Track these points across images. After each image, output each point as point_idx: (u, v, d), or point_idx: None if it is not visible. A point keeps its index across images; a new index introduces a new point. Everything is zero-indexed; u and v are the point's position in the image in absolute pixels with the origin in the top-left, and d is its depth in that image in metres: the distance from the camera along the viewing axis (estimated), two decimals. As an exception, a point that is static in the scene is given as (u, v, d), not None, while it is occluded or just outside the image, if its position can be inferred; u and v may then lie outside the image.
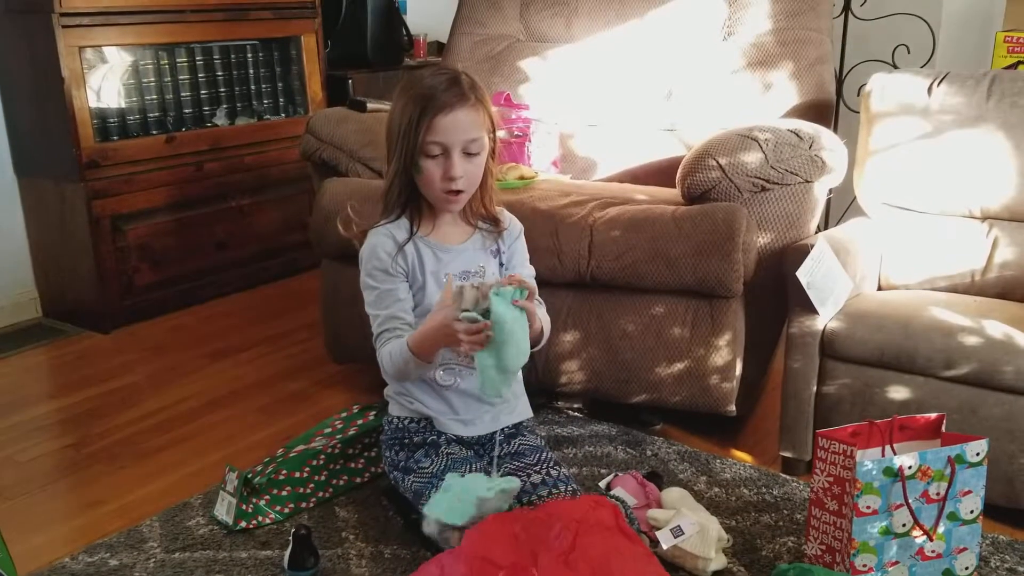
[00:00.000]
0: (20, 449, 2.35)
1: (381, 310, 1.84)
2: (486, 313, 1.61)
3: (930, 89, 2.30)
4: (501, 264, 1.93)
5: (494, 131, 1.82)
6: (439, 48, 4.36)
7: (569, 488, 1.82)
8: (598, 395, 2.32)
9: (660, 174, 2.64)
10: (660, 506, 1.91)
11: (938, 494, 1.60)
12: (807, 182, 2.18)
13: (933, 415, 1.75)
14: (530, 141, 2.74)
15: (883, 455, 1.70)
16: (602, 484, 2.01)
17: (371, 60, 4.01)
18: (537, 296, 1.94)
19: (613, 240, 2.16)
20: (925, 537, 1.60)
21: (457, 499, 1.64)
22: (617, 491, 1.92)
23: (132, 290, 3.24)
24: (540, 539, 1.48)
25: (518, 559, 1.44)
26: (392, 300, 1.84)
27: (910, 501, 1.58)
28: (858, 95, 3.21)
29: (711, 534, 1.75)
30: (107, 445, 2.37)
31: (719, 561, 1.76)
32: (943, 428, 1.74)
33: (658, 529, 1.79)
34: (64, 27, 2.93)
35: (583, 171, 2.85)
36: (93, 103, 3.10)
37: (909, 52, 3.29)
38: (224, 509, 1.95)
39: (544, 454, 1.90)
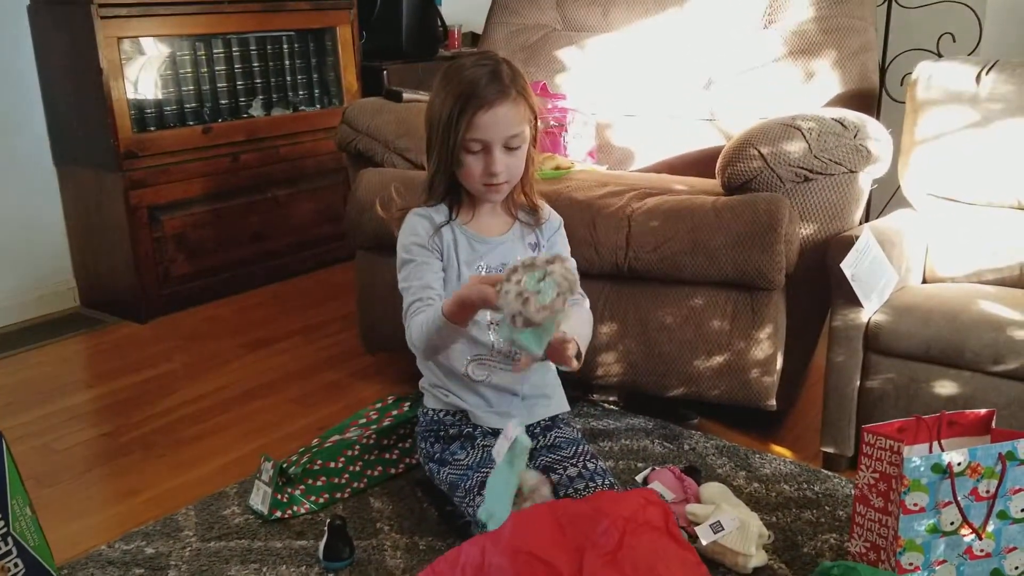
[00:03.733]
0: (57, 437, 2.37)
1: (415, 281, 1.80)
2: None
3: (979, 77, 2.24)
4: None
5: (536, 120, 1.79)
6: (474, 39, 4.35)
7: (606, 482, 1.80)
8: (635, 388, 2.29)
9: (699, 165, 2.60)
10: (699, 501, 1.88)
11: (988, 492, 1.55)
12: (851, 172, 2.13)
13: (983, 411, 1.70)
14: (566, 131, 2.71)
15: (931, 451, 1.66)
16: (639, 478, 1.98)
17: (406, 51, 4.00)
18: (580, 291, 1.90)
19: (651, 231, 2.13)
20: (974, 536, 1.56)
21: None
22: (654, 485, 1.89)
23: (168, 280, 3.26)
24: (586, 535, 1.44)
25: (562, 555, 1.40)
26: (427, 271, 1.81)
27: (959, 499, 1.53)
28: (901, 84, 3.16)
29: (752, 530, 1.72)
30: (143, 434, 2.38)
31: (760, 558, 1.73)
32: (993, 424, 1.69)
33: (697, 524, 1.76)
34: (103, 18, 2.94)
35: (620, 161, 2.82)
36: (131, 94, 3.11)
37: (954, 41, 3.22)
38: (259, 499, 1.94)
39: (580, 447, 1.88)
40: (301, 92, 3.73)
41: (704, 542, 1.72)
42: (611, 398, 2.47)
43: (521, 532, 1.44)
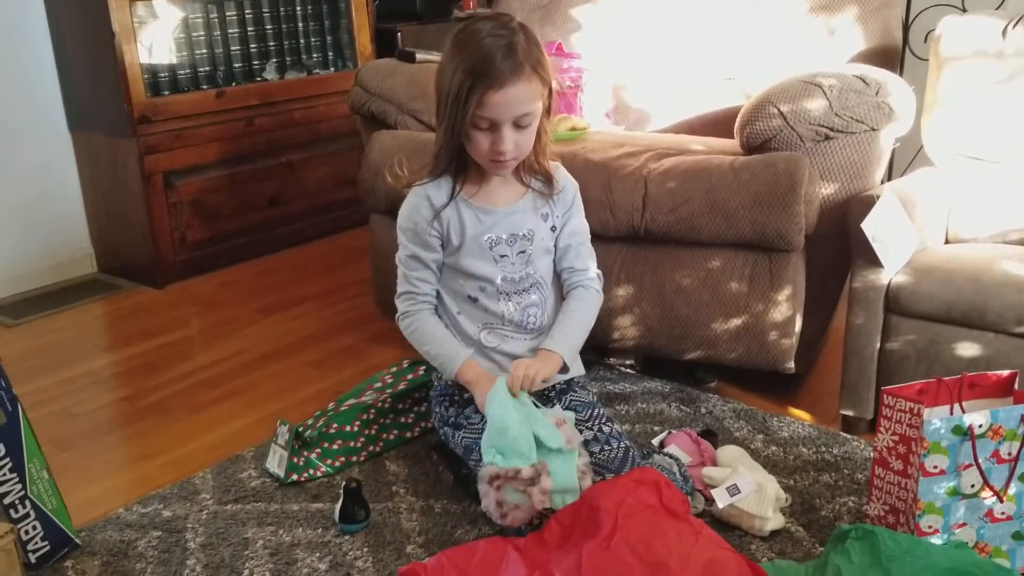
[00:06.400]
0: (76, 402, 2.38)
1: (407, 270, 1.85)
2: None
3: (1005, 32, 2.18)
4: (553, 228, 1.87)
5: (550, 92, 1.73)
6: None
7: (622, 445, 1.79)
8: (651, 351, 2.28)
9: (717, 125, 2.56)
10: (715, 464, 1.87)
11: (1010, 454, 1.53)
12: (873, 130, 2.09)
13: (1005, 372, 1.67)
14: (582, 92, 2.67)
15: (951, 413, 1.63)
16: (655, 441, 1.97)
17: (420, 12, 3.96)
18: (594, 272, 1.92)
19: (668, 192, 2.10)
20: (995, 498, 1.54)
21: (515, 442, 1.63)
22: (671, 448, 1.88)
23: (184, 245, 3.26)
24: (583, 531, 1.48)
25: (567, 562, 1.45)
26: (417, 264, 1.84)
27: (980, 461, 1.51)
28: (925, 42, 3.09)
29: (768, 493, 1.70)
30: (161, 398, 2.39)
31: (777, 521, 1.71)
32: (1016, 386, 1.66)
33: (713, 487, 1.75)
34: (114, -20, 2.92)
35: (636, 122, 2.78)
36: (144, 58, 3.09)
37: (980, -5, 3.14)
38: (275, 462, 1.95)
39: (596, 410, 1.87)
40: (315, 55, 3.70)
41: (720, 505, 1.70)
42: (627, 361, 2.46)
43: (536, 549, 1.52)
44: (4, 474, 1.62)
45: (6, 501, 1.63)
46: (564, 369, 1.84)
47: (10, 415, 1.64)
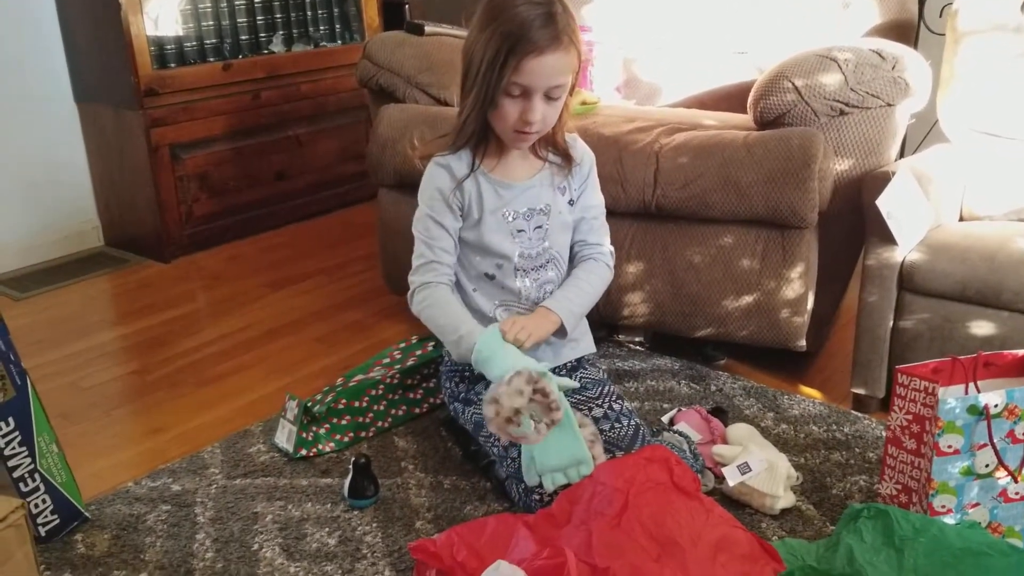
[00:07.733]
0: (84, 375, 2.38)
1: (430, 238, 1.79)
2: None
3: (1024, 6, 2.15)
4: (570, 202, 1.85)
5: (579, 68, 1.71)
6: (498, -28, 4.24)
7: (632, 423, 1.78)
8: (661, 329, 2.26)
9: (730, 100, 2.53)
10: (725, 442, 1.86)
11: (1025, 434, 1.52)
12: (889, 105, 2.06)
13: (1020, 352, 1.65)
14: (592, 65, 2.65)
15: (966, 392, 1.62)
16: (665, 419, 1.96)
17: (429, -16, 3.92)
18: (602, 249, 1.89)
19: (680, 167, 2.07)
20: (1009, 478, 1.53)
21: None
22: (681, 426, 1.87)
23: (192, 219, 3.24)
24: (599, 511, 1.47)
25: (577, 539, 1.43)
26: (441, 232, 1.78)
27: (995, 441, 1.50)
28: (940, 16, 3.05)
29: (780, 471, 1.70)
30: (169, 372, 2.38)
31: (788, 499, 1.71)
32: (1032, 365, 1.65)
33: (723, 465, 1.74)
34: (119, -49, 2.89)
35: (647, 97, 2.75)
36: (150, 30, 3.06)
37: (997, -30, 3.09)
38: (284, 437, 1.94)
39: (606, 388, 1.86)
40: (322, 27, 3.66)
41: (731, 483, 1.70)
42: (637, 338, 2.45)
43: (547, 527, 1.49)
44: (14, 448, 1.61)
45: (16, 475, 1.62)
46: (562, 333, 1.80)
47: (19, 388, 1.63)
